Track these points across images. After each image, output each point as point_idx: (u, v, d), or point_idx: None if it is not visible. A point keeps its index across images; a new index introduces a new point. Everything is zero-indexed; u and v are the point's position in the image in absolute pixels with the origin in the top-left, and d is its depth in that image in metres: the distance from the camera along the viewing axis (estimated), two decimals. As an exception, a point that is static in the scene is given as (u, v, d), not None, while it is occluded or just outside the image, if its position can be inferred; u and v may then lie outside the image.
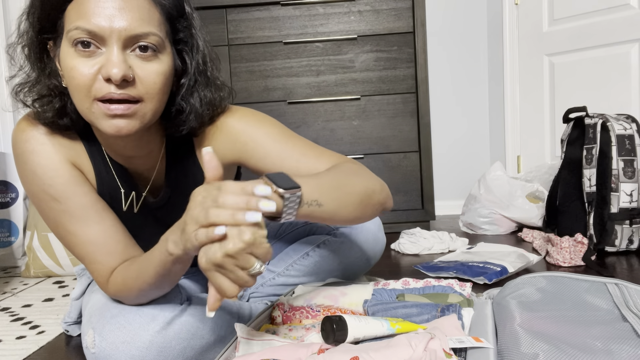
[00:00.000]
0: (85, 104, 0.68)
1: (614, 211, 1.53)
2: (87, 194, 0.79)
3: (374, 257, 1.09)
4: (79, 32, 0.65)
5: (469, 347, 0.69)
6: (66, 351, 1.04)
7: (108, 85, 0.67)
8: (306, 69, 2.10)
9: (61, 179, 0.77)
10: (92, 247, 0.78)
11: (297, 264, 1.06)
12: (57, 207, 0.77)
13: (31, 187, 0.78)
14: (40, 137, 0.77)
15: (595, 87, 2.12)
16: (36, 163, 0.76)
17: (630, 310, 0.75)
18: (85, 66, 0.66)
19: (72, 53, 0.67)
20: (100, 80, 0.67)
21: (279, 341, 0.73)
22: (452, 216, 2.50)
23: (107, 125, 0.68)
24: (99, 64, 0.67)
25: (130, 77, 0.67)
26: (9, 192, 1.86)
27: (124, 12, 0.66)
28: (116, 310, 0.80)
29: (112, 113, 0.67)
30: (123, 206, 0.85)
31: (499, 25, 2.42)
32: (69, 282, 1.64)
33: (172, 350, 0.77)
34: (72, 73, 0.67)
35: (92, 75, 0.66)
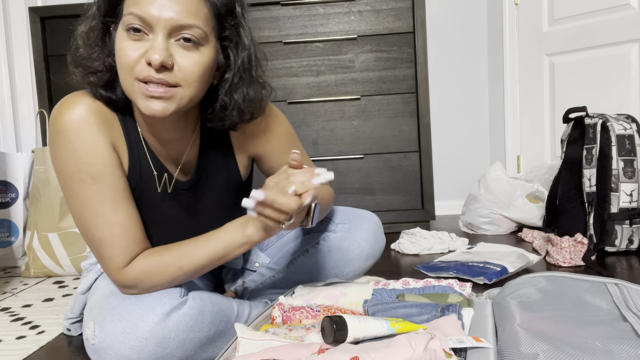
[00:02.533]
0: (128, 82, 0.75)
1: (614, 211, 1.53)
2: (121, 178, 0.82)
3: (373, 256, 1.09)
4: (132, 17, 0.73)
5: (469, 347, 0.69)
6: (66, 351, 1.04)
7: (149, 69, 0.73)
8: (306, 69, 2.10)
9: (102, 159, 0.80)
10: (118, 229, 0.80)
11: (297, 261, 1.06)
12: (91, 187, 0.79)
13: (66, 165, 0.79)
14: (86, 115, 0.79)
15: (595, 87, 2.12)
16: (79, 141, 0.78)
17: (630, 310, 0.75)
18: (133, 49, 0.73)
19: (124, 36, 0.74)
20: (143, 62, 0.73)
21: (279, 341, 0.73)
22: (452, 216, 2.50)
23: (144, 104, 0.75)
24: (144, 48, 0.73)
25: (169, 64, 0.74)
26: (9, 192, 1.86)
27: (174, 4, 0.73)
28: (116, 302, 0.81)
29: (150, 94, 0.74)
30: (158, 187, 0.89)
31: (499, 25, 2.42)
32: (69, 282, 1.64)
33: (171, 342, 0.78)
34: (120, 53, 0.74)
35: (137, 57, 0.73)
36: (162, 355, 0.78)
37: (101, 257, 0.82)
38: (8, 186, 1.86)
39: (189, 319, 0.80)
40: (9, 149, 2.39)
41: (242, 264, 1.13)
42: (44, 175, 1.69)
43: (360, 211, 1.12)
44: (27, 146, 2.42)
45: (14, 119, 2.40)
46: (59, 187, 1.67)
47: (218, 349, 0.86)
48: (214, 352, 0.86)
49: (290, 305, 0.90)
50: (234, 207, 0.97)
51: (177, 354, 0.80)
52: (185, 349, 0.80)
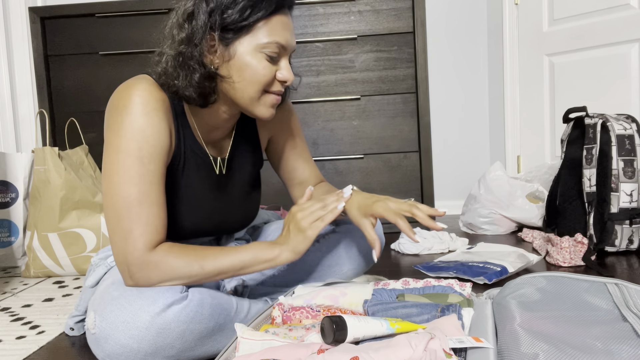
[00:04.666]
0: (257, 94, 0.88)
1: (614, 211, 1.53)
2: (164, 166, 0.88)
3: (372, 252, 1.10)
4: (276, 46, 0.87)
5: (469, 347, 0.69)
6: (66, 351, 1.04)
7: (281, 85, 0.90)
8: (306, 69, 2.10)
9: (162, 143, 0.86)
10: (155, 208, 0.85)
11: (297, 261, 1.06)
12: (146, 167, 0.84)
13: (126, 142, 0.84)
14: (153, 101, 0.86)
15: (595, 87, 2.12)
16: (149, 123, 0.85)
17: (630, 310, 0.75)
18: (269, 69, 0.88)
19: (261, 57, 0.86)
20: (277, 81, 0.90)
21: (279, 341, 0.73)
22: (452, 216, 2.50)
23: (267, 111, 0.91)
24: (275, 68, 0.89)
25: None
26: (9, 192, 1.86)
27: (293, 33, 0.91)
28: (117, 292, 0.83)
29: (275, 103, 0.91)
30: (215, 170, 0.99)
31: (499, 25, 2.42)
32: (69, 282, 1.65)
33: (171, 332, 0.79)
34: (259, 71, 0.87)
35: (272, 76, 0.88)
36: (162, 345, 0.79)
37: (131, 234, 0.83)
38: (8, 186, 1.86)
39: (189, 310, 0.81)
40: (9, 149, 2.39)
41: None
42: (44, 175, 1.69)
43: None
44: (27, 146, 2.42)
45: (14, 119, 2.40)
46: (59, 186, 1.67)
47: (217, 343, 0.87)
48: (213, 346, 0.86)
49: (290, 305, 0.90)
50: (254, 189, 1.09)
51: (177, 345, 0.81)
52: (185, 340, 0.81)
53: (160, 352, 0.80)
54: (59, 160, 1.71)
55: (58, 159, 1.70)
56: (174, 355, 0.82)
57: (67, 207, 1.68)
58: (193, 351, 0.84)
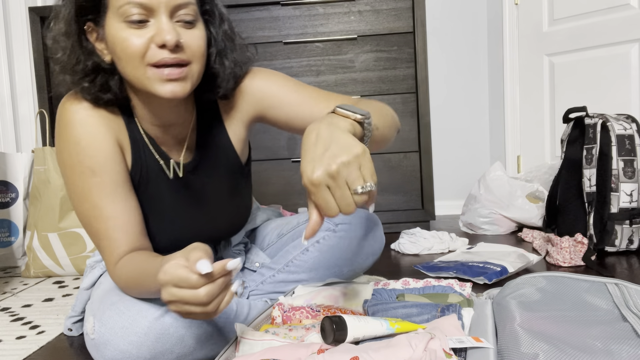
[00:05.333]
0: (140, 71, 0.75)
1: (614, 211, 1.53)
2: (121, 172, 0.83)
3: (372, 254, 1.10)
4: (130, 6, 0.73)
5: (469, 347, 0.69)
6: (66, 351, 1.04)
7: (161, 51, 0.74)
8: (306, 69, 2.10)
9: (103, 152, 0.81)
10: (112, 222, 0.81)
11: (296, 260, 1.06)
12: (90, 180, 0.81)
13: (69, 157, 0.81)
14: (89, 109, 0.81)
15: (595, 87, 2.12)
16: (82, 133, 0.80)
17: (630, 310, 0.75)
18: (137, 36, 0.74)
19: (123, 27, 0.74)
20: (153, 47, 0.74)
21: (279, 341, 0.73)
22: (452, 216, 2.50)
23: (162, 89, 0.76)
24: (150, 33, 0.74)
25: (181, 42, 0.75)
26: (9, 192, 1.86)
27: None
28: (116, 297, 0.82)
29: (167, 77, 0.75)
30: (169, 174, 0.89)
31: (499, 25, 2.42)
32: (69, 282, 1.64)
33: (170, 338, 0.79)
34: (125, 44, 0.74)
35: (144, 44, 0.74)
36: (160, 350, 0.79)
37: (99, 248, 0.84)
38: (8, 186, 1.86)
39: None
40: (9, 149, 2.39)
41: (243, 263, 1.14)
42: (44, 175, 1.69)
43: (360, 210, 1.12)
44: (27, 146, 2.42)
45: (14, 119, 2.40)
46: (59, 187, 1.67)
47: (217, 346, 0.87)
48: (213, 350, 0.86)
49: (290, 305, 0.90)
50: (235, 192, 0.98)
51: (176, 350, 0.80)
52: (184, 345, 0.81)
53: (159, 358, 0.79)
54: (59, 160, 1.70)
55: (58, 159, 1.70)
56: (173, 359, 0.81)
57: (67, 207, 1.68)
58: (192, 355, 0.84)
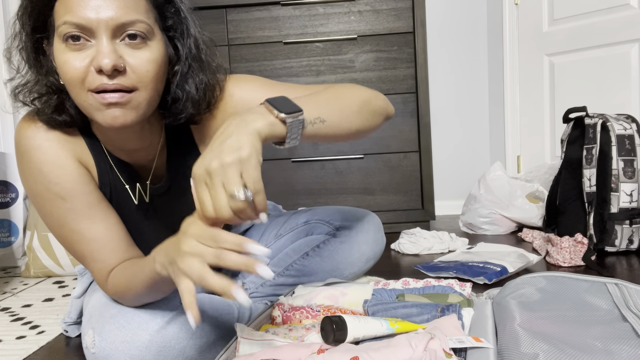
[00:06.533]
0: (81, 97, 0.69)
1: (614, 211, 1.53)
2: (93, 192, 0.79)
3: (373, 258, 1.09)
4: (67, 26, 0.66)
5: (469, 347, 0.69)
6: (66, 351, 1.04)
7: (100, 77, 0.67)
8: (306, 69, 2.10)
9: (69, 177, 0.77)
10: (95, 244, 0.78)
11: (296, 264, 1.06)
12: (62, 206, 0.76)
13: (35, 186, 0.77)
14: (45, 133, 0.76)
15: (595, 87, 2.12)
16: (42, 160, 0.75)
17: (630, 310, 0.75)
18: (77, 59, 0.67)
19: (63, 48, 0.68)
20: (92, 72, 0.67)
21: (279, 341, 0.73)
22: (452, 216, 2.50)
23: (102, 116, 0.68)
24: (90, 56, 0.67)
25: (122, 66, 0.67)
26: (9, 192, 1.86)
27: (110, 2, 0.67)
28: (115, 310, 0.80)
29: (107, 102, 0.68)
30: (134, 199, 0.85)
31: (499, 25, 2.42)
32: (69, 282, 1.64)
33: (171, 350, 0.77)
34: (65, 67, 0.68)
35: (84, 67, 0.67)
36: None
37: (88, 268, 0.81)
38: (8, 186, 1.86)
39: (189, 326, 0.78)
40: (9, 149, 2.39)
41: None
42: (44, 175, 1.69)
43: (361, 212, 1.12)
44: (27, 146, 2.42)
45: (14, 119, 2.40)
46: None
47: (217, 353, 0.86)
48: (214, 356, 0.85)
49: (290, 305, 0.90)
50: None
51: None
52: (186, 356, 0.79)
53: None
54: (59, 160, 1.71)
55: (58, 159, 1.70)
56: None
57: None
58: None
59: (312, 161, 2.12)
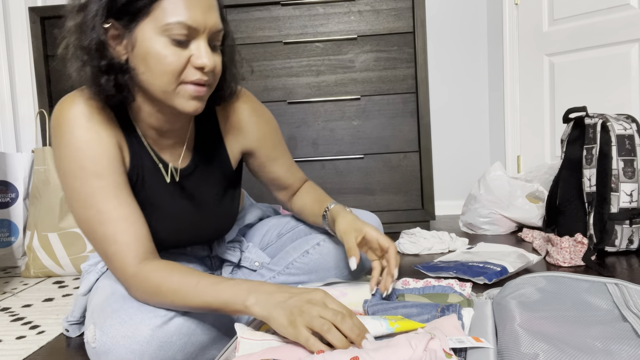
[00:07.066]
0: (171, 86, 0.78)
1: (614, 211, 1.53)
2: (122, 175, 0.83)
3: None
4: (179, 26, 0.75)
5: (469, 347, 0.69)
6: (66, 351, 1.04)
7: (197, 72, 0.78)
8: (306, 69, 2.10)
9: (105, 156, 0.81)
10: (120, 226, 0.80)
11: (297, 262, 1.06)
12: (94, 184, 0.80)
13: (69, 164, 0.80)
14: (88, 114, 0.81)
15: (595, 87, 2.12)
16: (84, 139, 0.80)
17: (630, 310, 0.75)
18: (178, 55, 0.76)
19: (165, 42, 0.76)
20: (190, 67, 0.77)
21: (279, 341, 0.73)
22: (452, 216, 2.50)
23: (187, 104, 0.80)
24: (189, 54, 0.77)
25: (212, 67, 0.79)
26: (9, 192, 1.86)
27: (212, 9, 0.78)
28: (117, 305, 0.80)
29: (197, 94, 0.79)
30: (166, 177, 0.91)
31: (499, 25, 2.42)
32: (69, 282, 1.65)
33: (172, 346, 0.77)
34: (165, 60, 0.76)
35: (183, 63, 0.77)
36: (163, 358, 0.77)
37: (106, 254, 0.81)
38: (8, 186, 1.86)
39: (190, 322, 0.80)
40: (9, 149, 2.39)
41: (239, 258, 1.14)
42: (44, 175, 1.69)
43: (360, 212, 1.12)
44: (27, 146, 2.42)
45: (14, 119, 2.40)
46: (59, 186, 1.67)
47: (218, 351, 0.86)
48: (215, 354, 0.86)
49: (290, 305, 0.89)
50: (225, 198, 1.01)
51: (179, 357, 0.79)
52: (186, 352, 0.79)
53: None
54: (59, 160, 1.70)
55: (58, 159, 1.70)
56: None
57: (67, 207, 1.68)
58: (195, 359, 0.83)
59: (312, 161, 2.12)
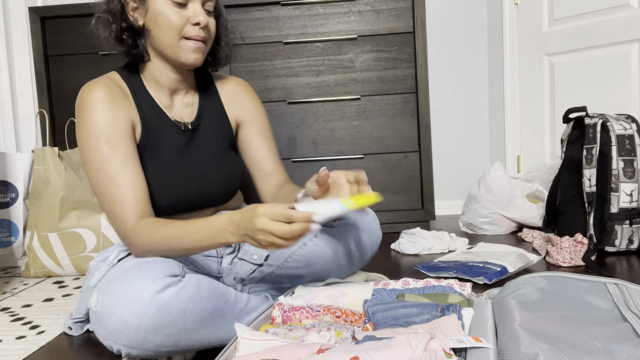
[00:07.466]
0: (175, 40, 0.99)
1: (614, 211, 1.53)
2: (131, 146, 0.99)
3: (370, 248, 1.12)
4: None
5: (469, 347, 0.70)
6: (66, 351, 1.04)
7: (194, 28, 0.99)
8: (306, 69, 2.10)
9: (116, 129, 0.98)
10: (124, 188, 0.95)
11: (295, 255, 1.08)
12: (106, 152, 0.96)
13: (87, 136, 0.97)
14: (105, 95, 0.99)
15: (595, 87, 2.12)
16: (99, 116, 0.97)
17: (630, 310, 0.75)
18: (179, 15, 0.98)
19: (170, 5, 0.98)
20: (188, 25, 0.99)
21: (279, 341, 0.73)
22: (452, 216, 2.50)
23: (188, 57, 1.00)
24: (187, 14, 0.99)
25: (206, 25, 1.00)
26: (9, 192, 1.86)
27: None
28: (119, 272, 0.85)
29: (196, 48, 1.00)
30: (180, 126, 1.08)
31: (499, 25, 2.42)
32: (69, 282, 1.65)
33: (171, 310, 0.81)
34: (170, 18, 0.98)
35: (184, 21, 0.99)
36: (163, 322, 0.80)
37: (111, 212, 0.95)
38: (8, 186, 1.86)
39: (187, 290, 0.84)
40: (9, 149, 2.39)
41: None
42: (44, 175, 1.69)
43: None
44: (27, 146, 2.42)
45: (14, 119, 2.40)
46: (59, 187, 1.67)
47: (218, 329, 0.88)
48: (214, 332, 0.88)
49: (290, 305, 0.90)
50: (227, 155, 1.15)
51: (178, 324, 0.82)
52: (185, 319, 0.83)
53: (161, 330, 0.81)
54: (59, 160, 1.70)
55: (58, 159, 1.70)
56: (174, 335, 0.83)
57: (67, 207, 1.68)
58: (194, 334, 0.85)
59: (312, 161, 2.12)
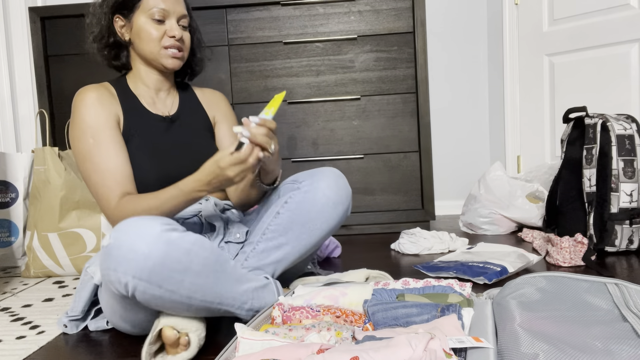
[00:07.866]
0: (156, 49, 1.18)
1: (614, 211, 1.53)
2: (116, 137, 1.14)
3: (341, 202, 1.13)
4: (157, 10, 1.17)
5: (469, 347, 0.70)
6: (66, 351, 1.04)
7: (171, 40, 1.18)
8: (306, 69, 2.10)
9: (101, 125, 1.13)
10: (107, 173, 1.09)
11: (271, 226, 1.11)
12: (92, 143, 1.11)
13: (77, 131, 1.13)
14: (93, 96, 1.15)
15: (595, 87, 2.12)
16: (88, 114, 1.13)
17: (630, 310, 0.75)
18: (158, 30, 1.18)
19: (150, 22, 1.17)
20: (166, 37, 1.18)
21: (279, 341, 0.73)
22: (452, 216, 2.50)
23: (169, 61, 1.19)
24: (164, 29, 1.18)
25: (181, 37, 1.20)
26: (9, 192, 1.86)
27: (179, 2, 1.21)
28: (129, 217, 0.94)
29: (173, 55, 1.19)
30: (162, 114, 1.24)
31: (499, 25, 2.42)
32: (69, 282, 1.64)
33: (178, 247, 0.87)
34: (150, 32, 1.17)
35: (162, 33, 1.18)
36: (170, 255, 0.85)
37: (97, 195, 1.10)
38: (8, 186, 1.86)
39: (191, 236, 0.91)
40: (9, 149, 2.39)
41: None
42: (44, 175, 1.69)
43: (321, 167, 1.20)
44: (27, 146, 2.42)
45: (14, 119, 2.40)
46: (59, 186, 1.67)
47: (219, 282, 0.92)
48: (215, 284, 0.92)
49: (290, 305, 0.90)
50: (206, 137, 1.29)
51: (184, 261, 0.87)
52: (191, 259, 0.88)
53: (168, 264, 0.85)
54: (59, 160, 1.70)
55: (58, 159, 1.70)
56: (180, 272, 0.87)
57: (67, 207, 1.68)
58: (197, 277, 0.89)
59: (312, 161, 2.12)
